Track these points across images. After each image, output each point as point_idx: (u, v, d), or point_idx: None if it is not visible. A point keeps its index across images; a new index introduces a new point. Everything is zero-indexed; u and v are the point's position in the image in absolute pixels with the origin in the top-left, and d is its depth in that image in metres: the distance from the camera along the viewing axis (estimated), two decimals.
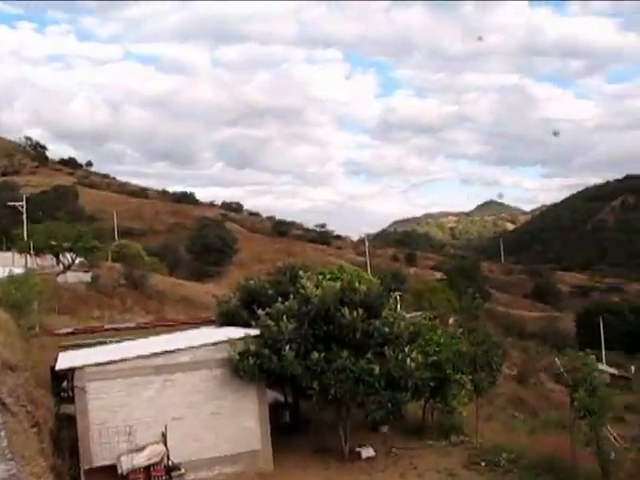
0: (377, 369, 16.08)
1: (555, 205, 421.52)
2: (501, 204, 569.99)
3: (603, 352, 75.60)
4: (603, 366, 66.05)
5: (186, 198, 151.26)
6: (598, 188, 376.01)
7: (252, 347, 17.42)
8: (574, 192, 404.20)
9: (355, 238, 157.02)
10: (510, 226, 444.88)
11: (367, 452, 18.06)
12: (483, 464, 16.63)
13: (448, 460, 17.47)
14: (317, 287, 17.43)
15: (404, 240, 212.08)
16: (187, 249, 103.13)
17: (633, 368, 75.51)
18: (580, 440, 14.40)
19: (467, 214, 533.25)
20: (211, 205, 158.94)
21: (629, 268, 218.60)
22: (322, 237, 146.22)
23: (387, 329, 16.72)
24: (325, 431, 19.65)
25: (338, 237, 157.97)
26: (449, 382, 19.35)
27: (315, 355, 16.33)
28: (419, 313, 24.95)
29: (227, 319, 22.86)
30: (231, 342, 17.76)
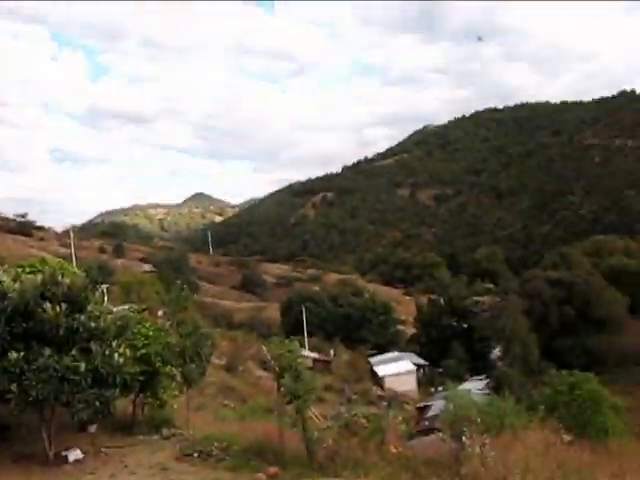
0: (83, 366, 15.18)
1: (262, 199, 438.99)
2: (210, 197, 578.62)
3: (306, 338, 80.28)
4: (306, 351, 70.15)
5: None
6: (302, 184, 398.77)
7: None
8: (280, 187, 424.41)
9: (59, 229, 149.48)
10: (218, 219, 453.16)
11: (74, 455, 17.03)
12: (195, 455, 16.54)
13: (160, 454, 17.11)
14: (15, 281, 16.04)
15: (112, 231, 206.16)
16: None
17: (332, 352, 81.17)
18: (287, 423, 14.92)
19: (176, 206, 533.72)
20: None
21: (328, 259, 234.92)
22: (22, 228, 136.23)
23: (93, 324, 15.88)
24: (27, 436, 18.18)
25: (41, 228, 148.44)
26: (159, 375, 18.99)
27: (13, 355, 14.99)
28: (127, 306, 24.13)
29: None
30: None
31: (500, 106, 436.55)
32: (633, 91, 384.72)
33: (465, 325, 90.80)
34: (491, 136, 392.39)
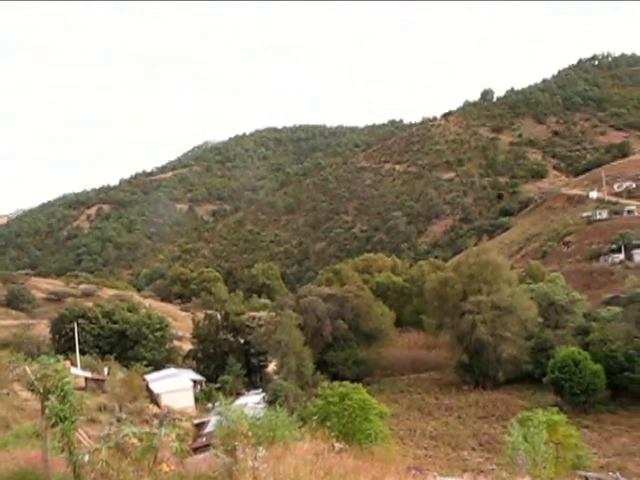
0: None
1: (32, 210, 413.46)
2: None
3: (78, 356, 76.48)
4: (78, 370, 66.76)
5: None
6: (76, 195, 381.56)
7: None
8: (51, 198, 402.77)
9: None
10: None
11: None
12: None
13: None
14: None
15: None
16: None
17: (106, 370, 77.97)
18: (56, 447, 14.02)
19: None
20: None
21: (103, 274, 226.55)
22: None
23: None
24: None
25: None
26: None
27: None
28: None
29: None
30: None
31: (279, 126, 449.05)
32: (401, 120, 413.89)
33: (242, 340, 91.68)
34: (270, 155, 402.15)
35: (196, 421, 60.27)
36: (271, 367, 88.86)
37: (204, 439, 43.55)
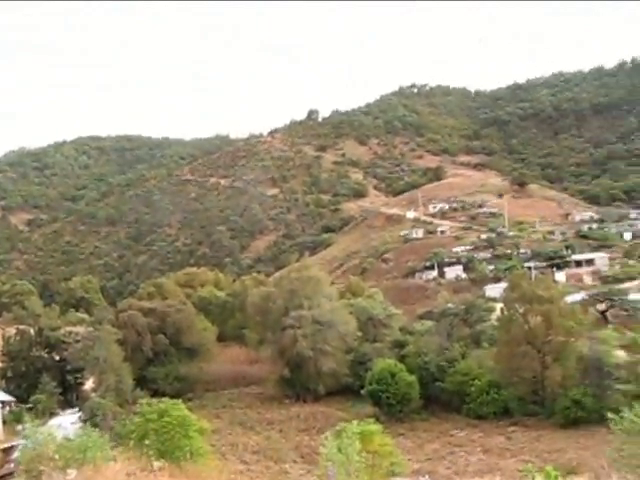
0: None
1: None
2: None
3: None
4: None
5: None
6: None
7: None
8: None
9: None
10: None
11: None
12: None
13: None
14: None
15: None
16: None
17: None
18: None
19: None
20: None
21: None
22: None
23: None
24: None
25: None
26: None
27: None
28: None
29: None
30: None
31: (103, 135, 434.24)
32: (228, 135, 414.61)
33: (57, 357, 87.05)
34: (92, 164, 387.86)
35: (3, 446, 56.22)
36: (88, 384, 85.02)
37: (12, 465, 40.64)
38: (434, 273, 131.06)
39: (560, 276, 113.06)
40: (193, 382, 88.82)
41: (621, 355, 66.40)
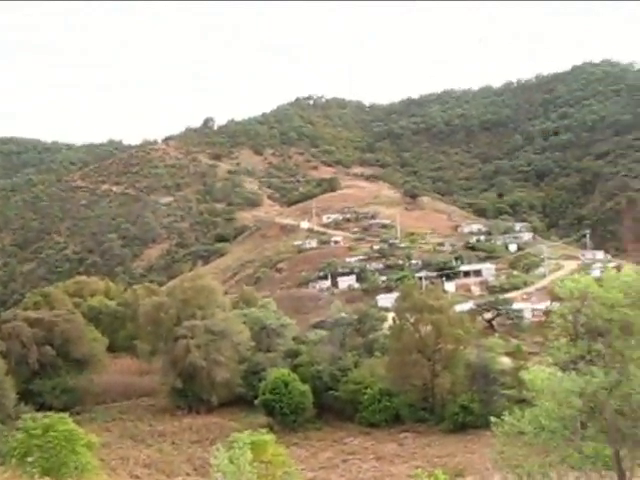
0: None
1: None
2: None
3: None
4: None
5: None
6: None
7: None
8: None
9: None
10: None
11: None
12: None
13: None
14: None
15: None
16: None
17: None
18: None
19: None
20: None
21: None
22: None
23: None
24: None
25: None
26: None
27: None
28: None
29: None
30: None
31: None
32: (121, 141, 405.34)
33: None
34: None
35: None
36: None
37: None
38: (327, 283, 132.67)
39: (450, 286, 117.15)
40: (82, 395, 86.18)
41: (506, 362, 69.74)
